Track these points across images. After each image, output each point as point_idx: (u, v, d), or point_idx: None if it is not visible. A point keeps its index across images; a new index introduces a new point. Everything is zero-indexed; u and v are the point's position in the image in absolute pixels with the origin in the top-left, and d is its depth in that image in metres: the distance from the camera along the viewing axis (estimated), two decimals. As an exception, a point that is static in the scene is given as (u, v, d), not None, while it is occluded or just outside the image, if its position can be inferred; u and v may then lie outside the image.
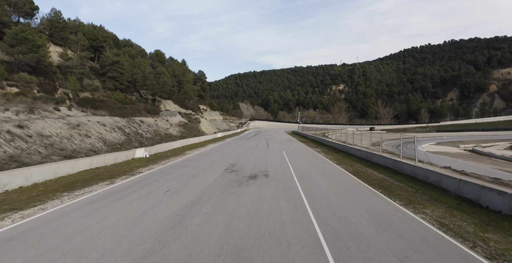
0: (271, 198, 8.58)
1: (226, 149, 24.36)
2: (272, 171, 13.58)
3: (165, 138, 31.79)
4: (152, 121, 34.62)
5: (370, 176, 13.21)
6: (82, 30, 60.18)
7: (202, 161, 16.43)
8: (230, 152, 21.50)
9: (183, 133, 39.60)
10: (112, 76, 54.21)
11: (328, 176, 12.82)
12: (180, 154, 19.79)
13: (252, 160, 17.13)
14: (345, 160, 18.60)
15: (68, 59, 46.74)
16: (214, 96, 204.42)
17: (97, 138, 20.90)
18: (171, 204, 7.64)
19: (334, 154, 22.58)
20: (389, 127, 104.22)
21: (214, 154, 20.25)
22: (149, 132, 30.52)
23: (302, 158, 18.95)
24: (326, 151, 24.64)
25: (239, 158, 18.19)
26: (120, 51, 61.88)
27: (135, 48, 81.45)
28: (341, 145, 26.03)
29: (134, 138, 25.46)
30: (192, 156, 18.61)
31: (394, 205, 8.44)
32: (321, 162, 17.37)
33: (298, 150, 25.13)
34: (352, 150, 22.46)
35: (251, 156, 19.40)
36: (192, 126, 48.74)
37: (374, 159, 17.62)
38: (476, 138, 74.84)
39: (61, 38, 53.55)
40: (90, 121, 22.72)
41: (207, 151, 21.96)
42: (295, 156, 20.32)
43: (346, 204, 8.28)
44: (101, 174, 11.68)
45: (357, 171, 14.36)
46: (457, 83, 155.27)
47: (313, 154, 22.35)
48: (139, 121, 31.28)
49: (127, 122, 28.51)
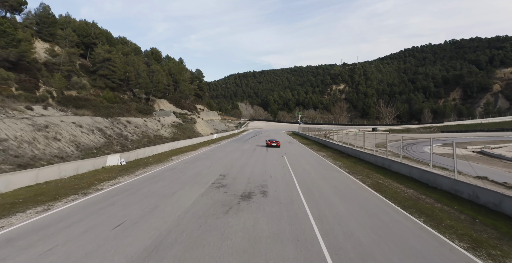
0: (270, 239, 5.67)
1: (219, 153, 21.43)
2: (272, 185, 10.69)
3: (154, 140, 28.86)
4: (141, 122, 31.69)
5: (397, 192, 10.32)
6: (73, 26, 57.25)
7: (186, 170, 13.52)
8: (223, 158, 18.58)
9: (176, 134, 36.66)
10: (103, 74, 51.33)
11: (344, 193, 9.92)
12: (164, 160, 16.87)
13: (248, 169, 14.23)
14: (358, 168, 15.71)
15: (55, 55, 43.83)
16: (213, 96, 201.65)
17: (68, 141, 17.96)
18: (108, 258, 4.72)
19: (343, 159, 19.69)
20: (392, 127, 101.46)
21: (204, 160, 17.33)
22: (136, 134, 27.59)
23: (307, 165, 16.06)
24: (332, 155, 21.76)
25: (233, 165, 15.28)
26: (113, 49, 58.99)
27: (130, 46, 78.42)
28: (349, 148, 23.14)
29: (116, 141, 22.53)
30: (177, 163, 15.68)
31: (458, 251, 5.54)
32: (330, 171, 14.47)
33: (301, 154, 22.24)
34: (363, 155, 19.58)
35: (247, 163, 16.50)
36: (186, 127, 45.80)
37: (394, 167, 14.73)
38: (482, 138, 72.34)
39: (50, 34, 50.70)
40: (63, 122, 19.78)
41: (197, 157, 19.03)
42: (299, 162, 17.43)
43: (386, 250, 5.38)
44: (45, 193, 8.76)
45: (378, 185, 11.47)
46: (459, 83, 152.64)
47: (318, 159, 19.46)
48: (125, 122, 28.35)
49: (110, 123, 25.57)
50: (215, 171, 13.48)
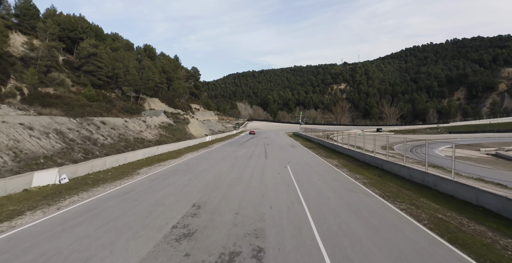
0: None
1: (206, 162, 17.07)
2: (273, 229, 6.38)
3: (133, 144, 24.48)
4: (119, 123, 27.29)
5: (490, 248, 6.00)
6: (58, 19, 52.84)
7: (146, 195, 9.17)
8: (208, 170, 14.23)
9: (163, 137, 32.27)
10: (88, 70, 46.92)
11: (401, 251, 5.59)
12: (126, 174, 12.51)
13: (238, 191, 9.90)
14: (391, 187, 11.37)
15: (33, 49, 39.45)
16: (212, 96, 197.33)
17: (4, 148, 13.62)
18: None
19: (362, 170, 15.36)
20: (396, 128, 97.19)
21: (180, 174, 12.96)
22: (111, 137, 23.20)
23: (320, 182, 11.75)
24: (346, 164, 17.45)
25: (218, 184, 10.94)
26: (101, 43, 54.58)
27: (121, 42, 73.84)
28: (366, 155, 18.80)
29: (80, 146, 18.17)
30: (140, 181, 11.30)
31: None
32: (356, 194, 10.14)
33: (307, 163, 17.91)
34: (388, 165, 15.26)
35: (239, 178, 12.15)
36: (177, 128, 41.43)
37: (445, 188, 10.40)
38: (494, 140, 68.37)
39: (32, 27, 46.44)
40: (5, 123, 15.42)
41: (174, 168, 14.65)
42: (308, 176, 13.10)
43: None
44: None
45: (443, 226, 7.14)
46: (464, 82, 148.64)
47: (332, 171, 15.12)
48: (99, 123, 23.97)
49: (77, 124, 21.19)
50: (189, 195, 9.14)
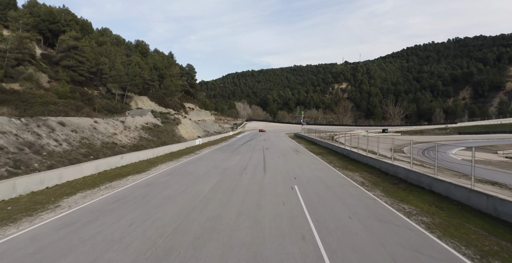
0: None
1: (176, 182, 12.06)
2: None
3: (99, 151, 19.51)
4: (86, 124, 22.31)
5: None
6: (38, 11, 47.84)
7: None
8: (173, 199, 9.24)
9: (143, 140, 27.31)
10: (68, 65, 41.82)
11: None
12: (32, 211, 7.59)
13: (208, 260, 4.99)
14: (479, 234, 6.50)
15: (1, 40, 34.52)
16: (210, 95, 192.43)
17: None
18: None
19: (407, 195, 10.42)
20: (403, 128, 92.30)
21: (118, 213, 7.96)
22: (68, 141, 18.22)
23: (354, 226, 6.82)
24: (375, 182, 12.53)
25: (172, 245, 6.01)
26: (85, 37, 49.54)
27: (110, 37, 68.67)
28: (400, 168, 13.87)
29: (9, 156, 13.24)
30: (8, 243, 6.38)
31: None
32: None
33: (322, 179, 12.95)
34: (442, 186, 10.38)
35: (217, 221, 7.18)
36: (164, 130, 36.47)
37: None
38: (508, 141, 63.78)
39: (5, 17, 41.64)
40: None
41: (125, 195, 9.64)
42: (331, 211, 8.12)
43: None
44: None
45: None
46: (469, 81, 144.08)
47: (363, 197, 10.14)
48: (55, 124, 19.00)
49: (20, 126, 16.23)
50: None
